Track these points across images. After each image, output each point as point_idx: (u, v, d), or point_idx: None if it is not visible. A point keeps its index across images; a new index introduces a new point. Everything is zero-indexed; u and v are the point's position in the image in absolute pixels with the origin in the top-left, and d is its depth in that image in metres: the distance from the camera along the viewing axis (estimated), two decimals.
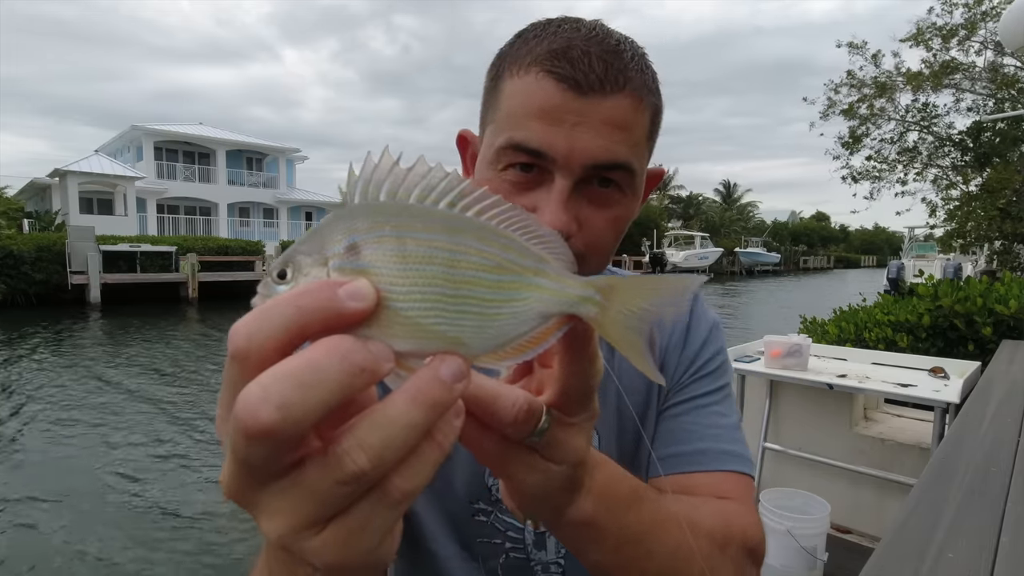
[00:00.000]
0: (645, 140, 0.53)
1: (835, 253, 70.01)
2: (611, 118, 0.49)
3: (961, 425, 1.73)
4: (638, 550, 0.42)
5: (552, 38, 0.50)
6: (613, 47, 0.50)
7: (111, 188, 25.22)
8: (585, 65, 0.48)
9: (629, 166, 0.51)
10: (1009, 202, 10.72)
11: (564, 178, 0.49)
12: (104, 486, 5.00)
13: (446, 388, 0.23)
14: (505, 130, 0.51)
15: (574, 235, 0.51)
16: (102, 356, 10.60)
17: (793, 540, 2.31)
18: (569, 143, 0.48)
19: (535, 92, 0.49)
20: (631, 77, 0.50)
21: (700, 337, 0.67)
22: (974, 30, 11.85)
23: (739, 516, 0.54)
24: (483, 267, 0.25)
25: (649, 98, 0.52)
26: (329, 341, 0.22)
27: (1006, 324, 3.41)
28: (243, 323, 0.22)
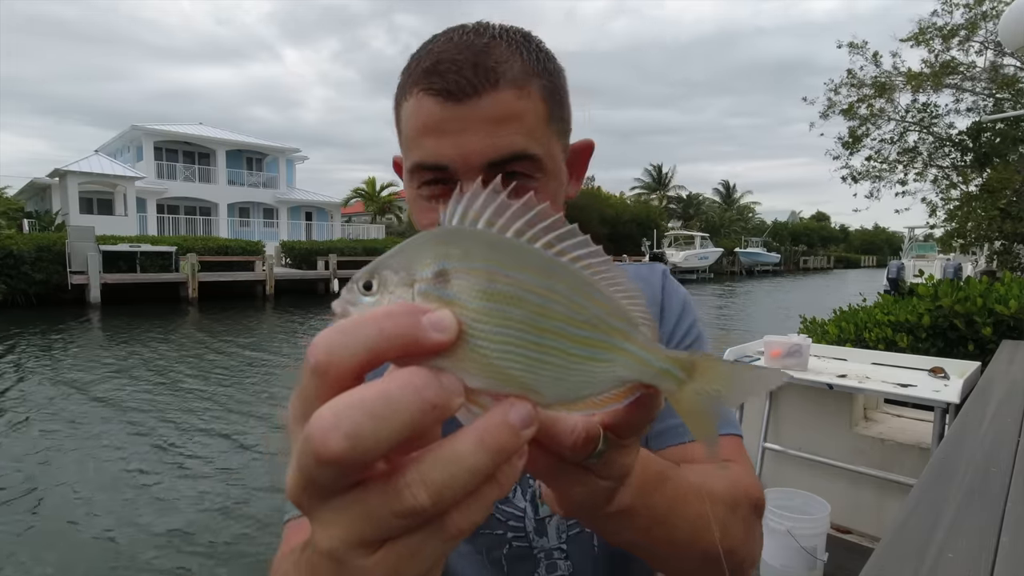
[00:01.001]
0: (544, 122, 0.53)
1: (835, 253, 69.95)
2: (491, 115, 0.50)
3: (961, 425, 1.73)
4: (664, 526, 0.43)
5: (425, 56, 0.52)
6: (482, 48, 0.51)
7: (111, 188, 25.22)
8: (454, 74, 0.49)
9: (526, 153, 0.52)
10: (1009, 202, 10.71)
11: (469, 180, 0.50)
12: (104, 486, 5.00)
13: (514, 434, 0.23)
14: (408, 153, 0.55)
15: None
16: (102, 356, 10.60)
17: (793, 540, 2.31)
18: (459, 150, 0.51)
19: (419, 112, 0.52)
20: (503, 71, 0.50)
21: (675, 313, 0.68)
22: (974, 30, 11.85)
23: (743, 477, 0.57)
24: (572, 320, 0.25)
25: (535, 81, 0.52)
26: (405, 374, 0.22)
27: (1006, 324, 3.41)
28: (325, 337, 0.23)
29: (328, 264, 22.61)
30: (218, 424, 6.73)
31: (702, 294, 25.27)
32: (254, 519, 4.43)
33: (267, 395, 8.08)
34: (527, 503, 0.63)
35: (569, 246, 0.26)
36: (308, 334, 13.71)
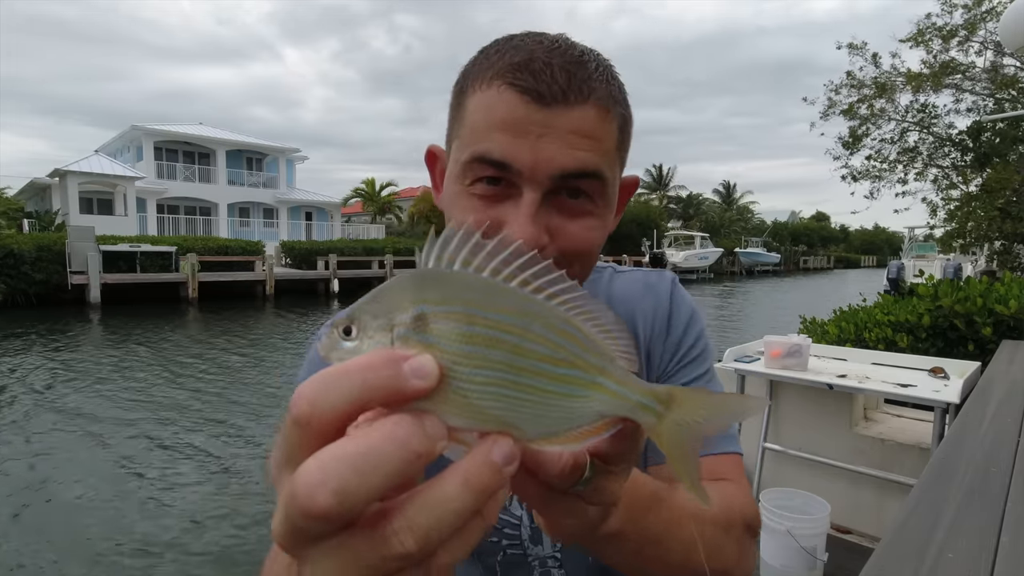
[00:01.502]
0: (615, 150, 0.53)
1: (835, 253, 69.91)
2: (577, 128, 0.49)
3: (961, 425, 1.73)
4: (657, 548, 0.43)
5: (514, 52, 0.50)
6: (576, 58, 0.50)
7: (111, 188, 25.22)
8: (548, 76, 0.48)
9: (599, 174, 0.51)
10: (1009, 202, 10.71)
11: (531, 191, 0.49)
12: (104, 486, 5.00)
13: (497, 472, 0.24)
14: (470, 144, 0.51)
15: (546, 246, 0.51)
16: (102, 356, 10.60)
17: (793, 540, 2.31)
18: (534, 154, 0.48)
19: (498, 105, 0.49)
20: (595, 87, 0.49)
21: (682, 323, 0.67)
22: (974, 31, 11.85)
23: (737, 497, 0.57)
24: (549, 358, 0.25)
25: (616, 108, 0.52)
26: (389, 425, 0.22)
27: (1006, 324, 3.40)
28: (308, 388, 0.23)
29: (328, 264, 22.61)
30: (218, 424, 6.73)
31: (702, 294, 25.27)
32: (253, 519, 4.43)
33: (267, 394, 8.08)
34: (523, 511, 0.63)
35: (545, 283, 0.26)
36: (308, 333, 13.72)
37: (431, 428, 0.23)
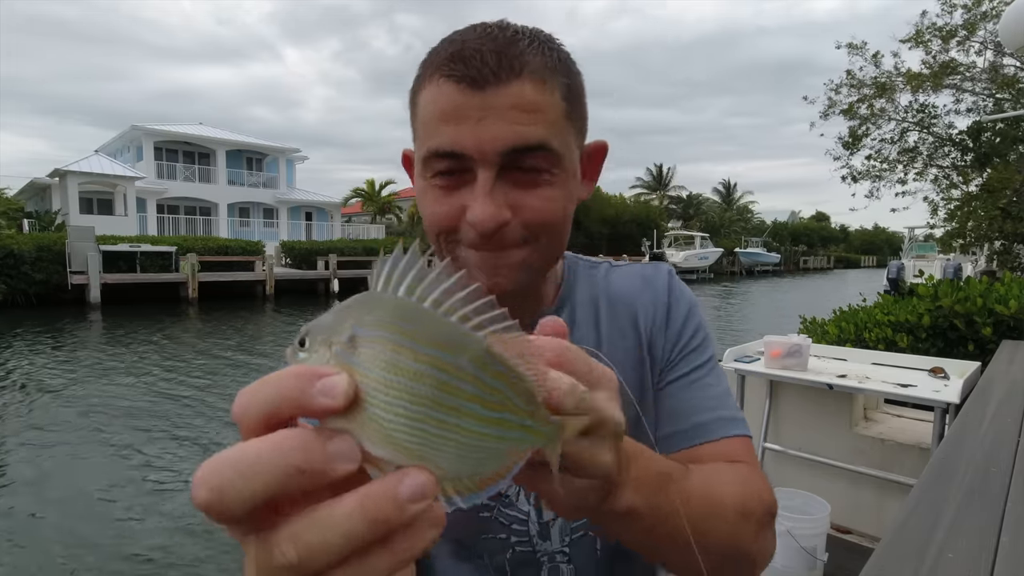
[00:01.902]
0: (563, 118, 0.53)
1: (835, 253, 69.89)
2: (515, 104, 0.49)
3: (961, 425, 1.73)
4: (669, 526, 0.43)
5: (448, 45, 0.52)
6: (508, 38, 0.51)
7: (111, 188, 25.22)
8: (478, 60, 0.49)
9: (545, 145, 0.51)
10: (1009, 202, 10.71)
11: (484, 171, 0.51)
12: (103, 486, 5.00)
13: (398, 507, 0.23)
14: (424, 141, 0.53)
15: (509, 221, 0.52)
16: (102, 356, 10.60)
17: (793, 540, 2.31)
18: (477, 137, 0.49)
19: (439, 98, 0.51)
20: (528, 61, 0.50)
21: (681, 315, 0.68)
22: (974, 31, 11.84)
23: (753, 481, 0.56)
24: (477, 399, 0.25)
25: (556, 78, 0.52)
26: (279, 436, 0.23)
27: (1006, 324, 3.40)
28: (243, 392, 0.24)
29: (328, 264, 22.62)
30: (218, 424, 6.73)
31: (702, 294, 25.27)
32: None
33: None
34: (531, 507, 0.63)
35: (486, 320, 0.26)
36: None
37: (334, 447, 0.23)
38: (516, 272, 0.55)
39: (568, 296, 0.67)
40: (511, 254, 0.54)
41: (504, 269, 0.54)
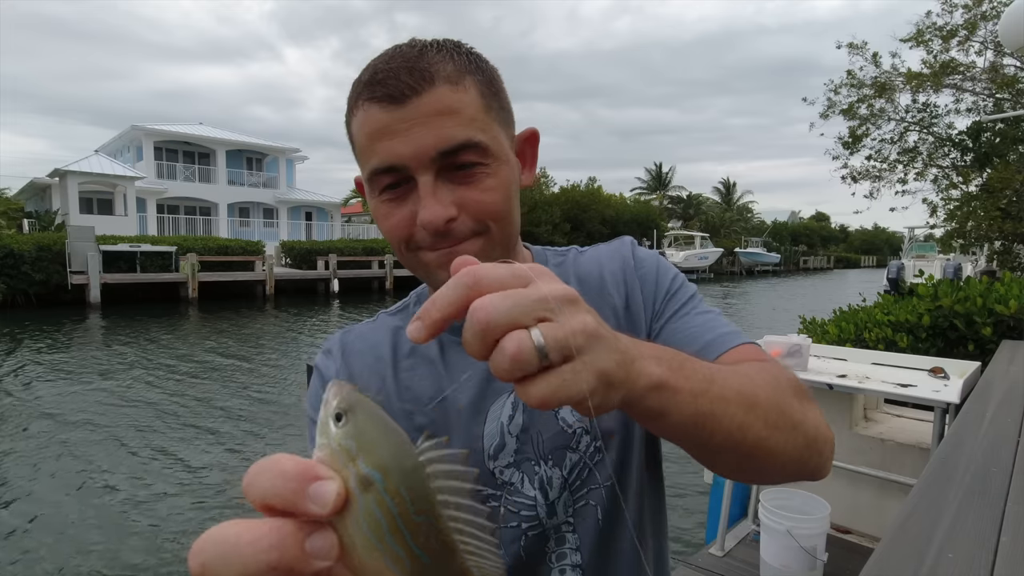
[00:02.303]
0: (483, 113, 0.57)
1: (835, 253, 69.84)
2: (435, 110, 0.54)
3: (961, 425, 1.73)
4: (710, 393, 0.43)
5: (365, 73, 0.57)
6: (416, 54, 0.55)
7: (111, 188, 25.22)
8: (393, 79, 0.54)
9: (471, 141, 0.55)
10: (1009, 202, 10.71)
11: (423, 175, 0.55)
12: (103, 486, 5.00)
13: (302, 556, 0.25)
14: (364, 163, 0.58)
15: (456, 216, 0.56)
16: (102, 356, 10.61)
17: (793, 540, 2.31)
18: (409, 146, 0.54)
19: (367, 121, 0.55)
20: (437, 69, 0.55)
21: (651, 268, 0.71)
22: (974, 31, 11.84)
23: (776, 367, 0.57)
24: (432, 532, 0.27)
25: (468, 77, 0.56)
26: (265, 528, 0.25)
27: (1006, 324, 3.40)
28: (250, 471, 0.26)
29: (328, 264, 22.61)
30: (217, 424, 6.73)
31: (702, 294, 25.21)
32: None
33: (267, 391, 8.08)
34: (536, 490, 0.64)
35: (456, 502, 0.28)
36: (308, 333, 13.72)
37: (312, 545, 0.25)
38: None
39: None
40: (466, 247, 0.58)
41: None
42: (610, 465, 0.65)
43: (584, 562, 0.65)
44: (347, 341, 0.72)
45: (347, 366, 0.70)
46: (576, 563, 0.65)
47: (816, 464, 0.52)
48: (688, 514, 4.39)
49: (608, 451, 0.65)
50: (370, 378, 0.68)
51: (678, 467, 5.14)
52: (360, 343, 0.71)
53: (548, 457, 0.64)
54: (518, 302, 0.31)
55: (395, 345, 0.70)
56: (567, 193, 35.04)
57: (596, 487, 0.65)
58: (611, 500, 0.65)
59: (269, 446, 6.01)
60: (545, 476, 0.64)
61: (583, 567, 0.65)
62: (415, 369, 0.67)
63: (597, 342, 0.34)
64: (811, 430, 0.51)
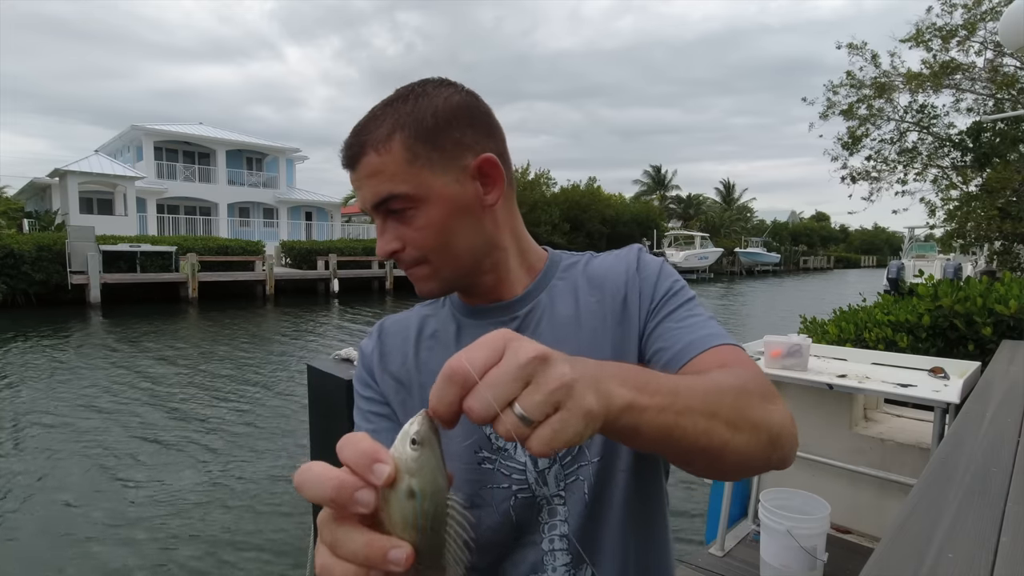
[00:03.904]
0: (406, 164, 0.67)
1: (835, 253, 69.79)
2: (366, 172, 0.68)
3: (961, 425, 1.73)
4: (676, 406, 0.47)
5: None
6: (362, 124, 0.69)
7: (111, 188, 25.22)
8: (347, 148, 0.69)
9: (393, 194, 0.67)
10: (1009, 202, 10.71)
11: (376, 217, 0.71)
12: (103, 486, 5.00)
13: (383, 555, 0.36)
14: None
15: (399, 249, 0.70)
16: (102, 356, 10.61)
17: (793, 540, 2.31)
18: (361, 200, 0.71)
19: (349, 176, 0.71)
20: (369, 138, 0.67)
21: (652, 272, 0.77)
22: (974, 30, 11.84)
23: (746, 370, 0.62)
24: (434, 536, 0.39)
25: (396, 134, 0.67)
26: (336, 473, 0.36)
27: (1006, 324, 3.40)
28: (342, 440, 0.38)
29: (328, 264, 22.60)
30: (217, 424, 6.73)
31: (702, 294, 25.25)
32: (251, 518, 4.43)
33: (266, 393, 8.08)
34: (526, 457, 0.72)
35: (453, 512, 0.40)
36: (308, 333, 13.72)
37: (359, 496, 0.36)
38: (427, 282, 0.73)
39: (544, 281, 0.79)
40: (415, 271, 0.72)
41: (418, 281, 0.73)
42: (598, 444, 0.71)
43: (571, 532, 0.71)
44: (385, 325, 0.85)
45: (381, 344, 0.82)
46: (563, 533, 0.72)
47: (779, 457, 0.58)
48: (688, 514, 4.40)
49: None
50: (396, 354, 0.80)
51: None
52: (394, 326, 0.84)
53: None
54: (499, 386, 0.38)
55: (420, 328, 0.81)
56: (567, 193, 35.03)
57: (586, 463, 0.71)
58: (597, 476, 0.71)
59: (269, 445, 6.01)
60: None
61: (569, 537, 0.72)
62: (433, 349, 0.78)
63: (574, 388, 0.39)
64: (775, 427, 0.56)
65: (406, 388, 0.78)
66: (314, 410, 2.39)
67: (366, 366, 0.81)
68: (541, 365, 0.39)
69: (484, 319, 0.76)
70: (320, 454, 2.37)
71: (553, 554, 0.72)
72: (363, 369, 0.81)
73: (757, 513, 2.62)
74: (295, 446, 5.93)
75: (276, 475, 5.23)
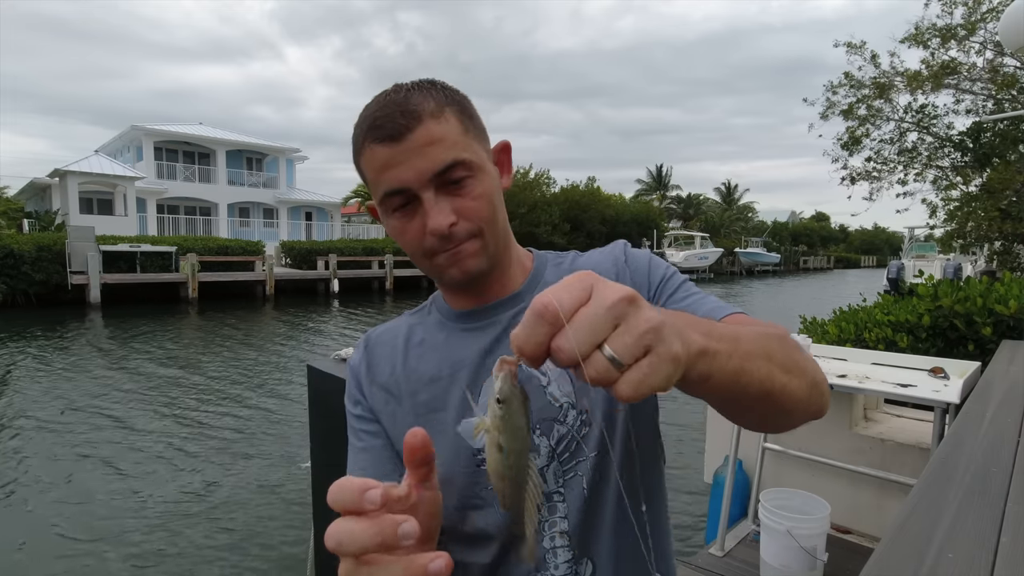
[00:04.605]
0: (463, 134, 0.68)
1: (835, 253, 69.76)
2: (426, 141, 0.65)
3: (961, 425, 1.73)
4: (739, 351, 0.48)
5: (364, 120, 0.68)
6: (403, 98, 0.67)
7: (111, 188, 25.22)
8: (390, 123, 0.66)
9: (457, 160, 0.66)
10: (1009, 202, 10.71)
11: (425, 192, 0.67)
12: (103, 486, 5.00)
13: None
14: (377, 190, 0.69)
15: (458, 222, 0.68)
16: (102, 356, 10.61)
17: (793, 540, 2.31)
18: (411, 171, 0.66)
19: (375, 157, 0.67)
20: (423, 108, 0.66)
21: (643, 263, 0.79)
22: (974, 30, 11.83)
23: (768, 324, 0.62)
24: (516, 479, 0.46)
25: (447, 108, 0.68)
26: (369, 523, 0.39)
27: (1006, 324, 3.40)
28: (332, 488, 0.40)
29: (328, 264, 22.60)
30: (217, 423, 6.73)
31: None
32: (251, 517, 4.43)
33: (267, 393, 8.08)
34: None
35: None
36: (308, 333, 13.72)
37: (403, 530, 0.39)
38: (476, 258, 0.70)
39: (536, 279, 0.79)
40: (467, 247, 0.69)
41: (467, 258, 0.70)
42: (595, 439, 0.71)
43: (570, 528, 0.72)
44: (371, 337, 0.84)
45: (368, 356, 0.81)
46: (563, 530, 0.72)
47: (819, 404, 0.60)
48: (688, 514, 4.39)
49: (593, 425, 0.71)
50: (384, 364, 0.79)
51: (678, 468, 5.14)
52: (381, 337, 0.83)
53: (536, 427, 0.71)
54: (590, 328, 0.37)
55: (408, 336, 0.81)
56: (567, 193, 35.02)
57: (583, 459, 0.71)
58: (594, 471, 0.71)
59: (269, 444, 6.01)
60: (533, 443, 0.70)
61: (569, 533, 0.72)
62: (422, 356, 0.78)
63: (662, 332, 0.39)
64: (813, 373, 0.59)
65: (395, 398, 0.77)
66: (314, 410, 2.39)
67: (355, 381, 0.80)
68: (631, 307, 0.38)
69: (474, 322, 0.76)
70: (320, 453, 2.37)
71: (554, 551, 0.72)
72: (352, 385, 0.80)
73: (757, 513, 2.62)
74: (295, 446, 5.93)
75: (276, 475, 5.23)
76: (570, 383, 0.72)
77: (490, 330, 0.74)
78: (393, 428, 0.76)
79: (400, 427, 0.75)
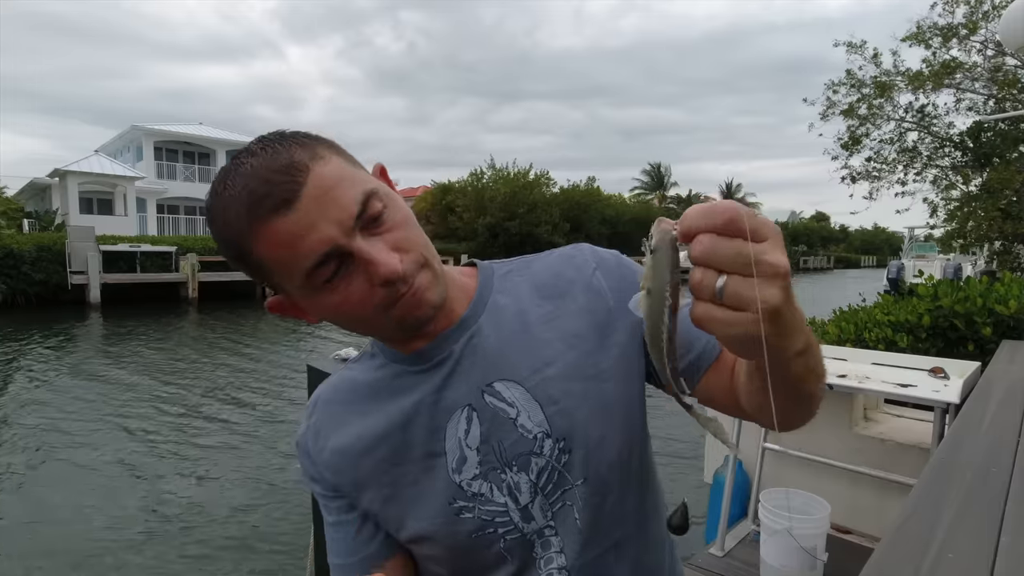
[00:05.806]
0: (351, 166, 0.61)
1: (835, 253, 69.76)
2: (325, 187, 0.56)
3: (961, 425, 1.73)
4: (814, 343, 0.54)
5: (236, 200, 0.58)
6: (268, 161, 0.57)
7: (111, 188, 25.23)
8: (273, 188, 0.55)
9: (367, 191, 0.59)
10: (1009, 202, 10.71)
11: (355, 242, 0.57)
12: (103, 486, 5.01)
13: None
14: (293, 272, 0.59)
15: (402, 260, 0.59)
16: (102, 356, 10.61)
17: (793, 540, 2.31)
18: (330, 225, 0.56)
19: (275, 234, 0.56)
20: (298, 158, 0.57)
21: (612, 262, 0.74)
22: (975, 30, 11.83)
23: None
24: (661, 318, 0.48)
25: (318, 147, 0.59)
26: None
27: (1006, 324, 3.40)
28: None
29: None
30: (217, 424, 6.73)
31: None
32: (251, 520, 4.43)
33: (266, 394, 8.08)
34: (506, 496, 0.66)
35: None
36: (308, 332, 13.72)
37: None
38: (434, 289, 0.62)
39: (482, 300, 0.71)
40: (420, 280, 0.61)
41: (426, 292, 0.61)
42: (579, 464, 0.66)
43: (568, 563, 0.67)
44: (320, 398, 0.75)
45: (317, 423, 0.72)
46: (561, 565, 0.67)
47: (818, 404, 0.61)
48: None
49: (574, 452, 0.65)
50: (336, 426, 0.71)
51: (679, 468, 5.14)
52: (329, 396, 0.74)
53: (512, 464, 0.65)
54: (733, 256, 0.40)
55: (353, 390, 0.72)
56: (567, 193, 35.01)
57: (569, 488, 0.66)
58: (586, 500, 0.66)
59: (269, 445, 6.01)
60: (512, 482, 0.66)
61: (568, 568, 0.67)
62: (369, 414, 0.69)
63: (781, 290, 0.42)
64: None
65: (352, 462, 0.69)
66: None
67: (307, 459, 0.72)
68: (775, 246, 0.42)
69: (426, 362, 0.67)
70: None
71: None
72: (305, 463, 0.72)
73: (757, 513, 2.62)
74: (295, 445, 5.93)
75: (276, 476, 5.23)
76: (540, 411, 0.65)
77: (443, 366, 0.67)
78: (359, 492, 0.69)
79: (368, 487, 0.68)
